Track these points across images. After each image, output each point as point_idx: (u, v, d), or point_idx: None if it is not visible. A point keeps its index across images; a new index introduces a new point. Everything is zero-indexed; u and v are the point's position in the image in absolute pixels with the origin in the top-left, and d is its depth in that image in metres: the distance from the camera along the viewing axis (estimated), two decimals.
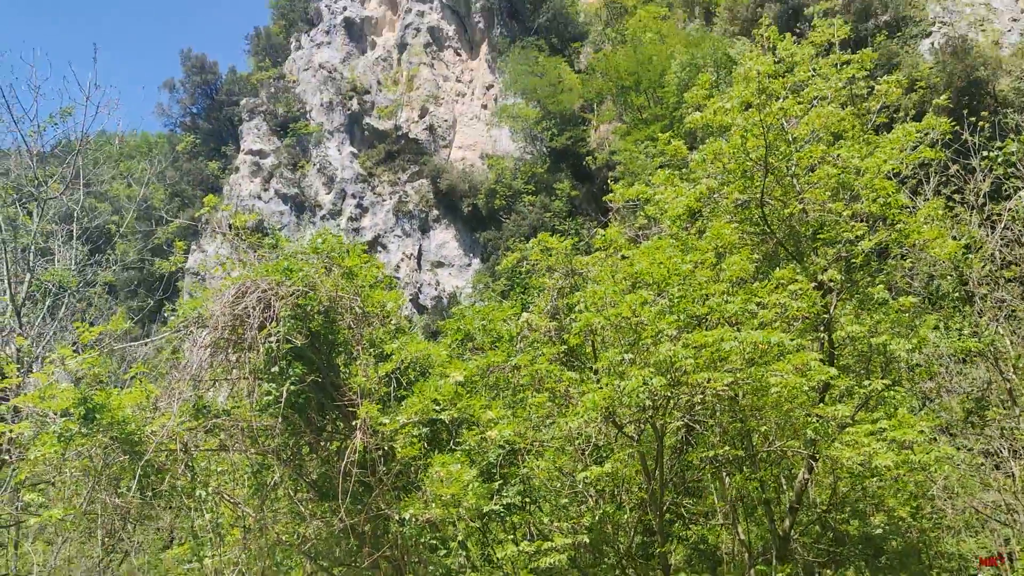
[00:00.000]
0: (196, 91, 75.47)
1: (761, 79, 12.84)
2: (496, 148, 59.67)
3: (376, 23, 72.91)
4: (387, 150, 62.29)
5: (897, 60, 36.05)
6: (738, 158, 13.47)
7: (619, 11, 60.77)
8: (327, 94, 65.44)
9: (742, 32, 42.51)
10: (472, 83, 65.79)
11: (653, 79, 46.50)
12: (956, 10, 40.50)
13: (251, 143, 65.79)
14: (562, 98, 53.20)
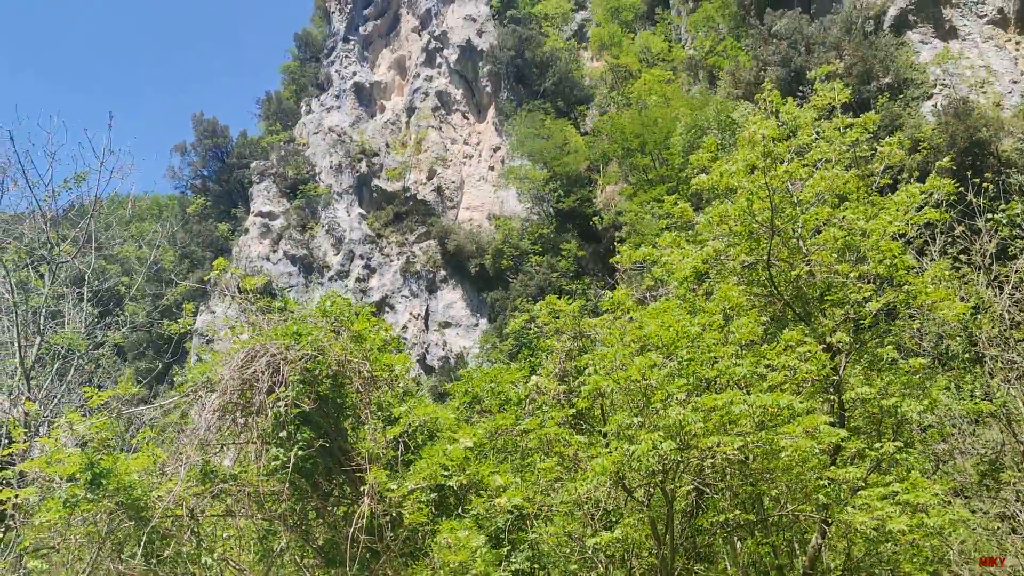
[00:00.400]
0: (207, 154, 76.59)
1: (766, 143, 13.00)
2: (503, 209, 60.18)
3: (385, 88, 74.34)
4: (395, 211, 62.90)
5: (900, 121, 36.47)
6: (744, 220, 13.55)
7: (624, 75, 61.86)
8: (336, 156, 66.35)
9: (745, 95, 43.08)
10: (479, 145, 66.69)
11: (658, 141, 47.07)
12: (957, 72, 41.06)
13: (261, 205, 66.51)
14: (568, 160, 53.84)
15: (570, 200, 53.10)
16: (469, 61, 68.36)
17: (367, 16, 77.67)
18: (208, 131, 76.46)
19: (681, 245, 15.04)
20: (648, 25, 70.37)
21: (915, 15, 44.34)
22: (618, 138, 49.36)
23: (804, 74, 39.77)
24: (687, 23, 64.84)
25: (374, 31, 77.28)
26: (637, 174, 49.29)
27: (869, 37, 42.80)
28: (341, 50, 75.59)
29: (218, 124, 77.27)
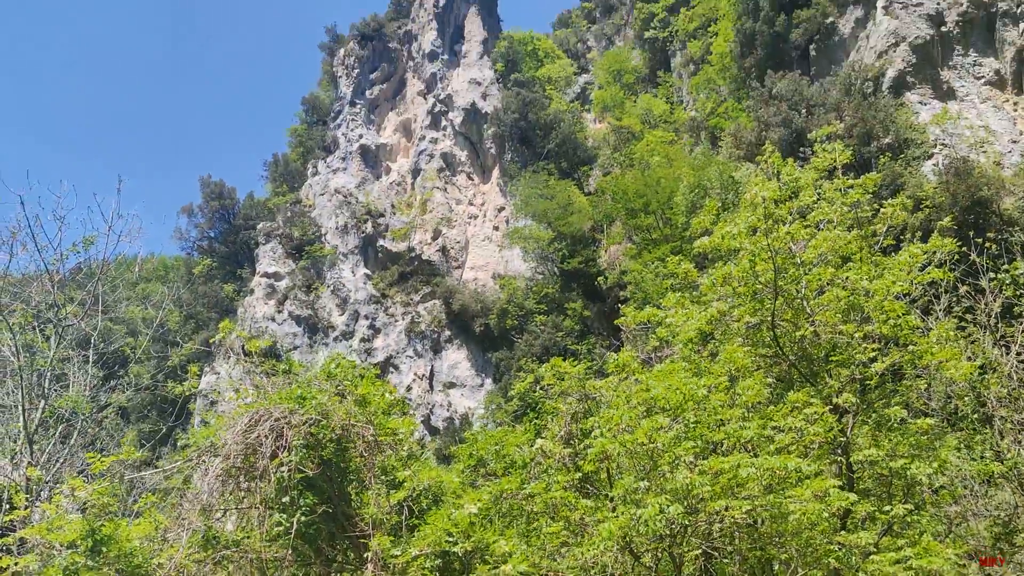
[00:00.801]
0: (214, 216, 77.26)
1: (767, 205, 13.13)
2: (508, 269, 60.43)
3: (391, 150, 75.36)
4: (400, 271, 63.19)
5: (901, 180, 36.77)
6: (748, 281, 13.62)
7: (627, 136, 62.66)
8: (342, 218, 66.93)
9: (747, 156, 43.55)
10: (484, 206, 67.29)
11: (661, 201, 47.43)
12: (956, 132, 41.53)
13: (266, 266, 66.89)
14: (572, 220, 54.22)
15: (575, 261, 53.33)
16: (474, 124, 69.38)
17: (373, 80, 79.11)
18: (215, 193, 77.26)
19: (685, 306, 15.08)
20: (650, 88, 71.55)
21: (913, 77, 45.03)
22: (621, 198, 49.75)
23: (805, 135, 40.26)
24: (688, 85, 65.95)
25: (380, 95, 78.63)
26: (641, 234, 49.55)
27: (868, 98, 43.40)
28: (348, 113, 76.81)
29: (225, 186, 78.12)
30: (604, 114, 71.03)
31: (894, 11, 46.92)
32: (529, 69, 76.36)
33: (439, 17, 76.78)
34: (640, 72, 74.96)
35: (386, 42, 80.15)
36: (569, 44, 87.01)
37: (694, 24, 67.55)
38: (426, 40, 76.31)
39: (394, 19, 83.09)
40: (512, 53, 75.47)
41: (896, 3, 47.26)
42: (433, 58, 74.95)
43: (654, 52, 73.98)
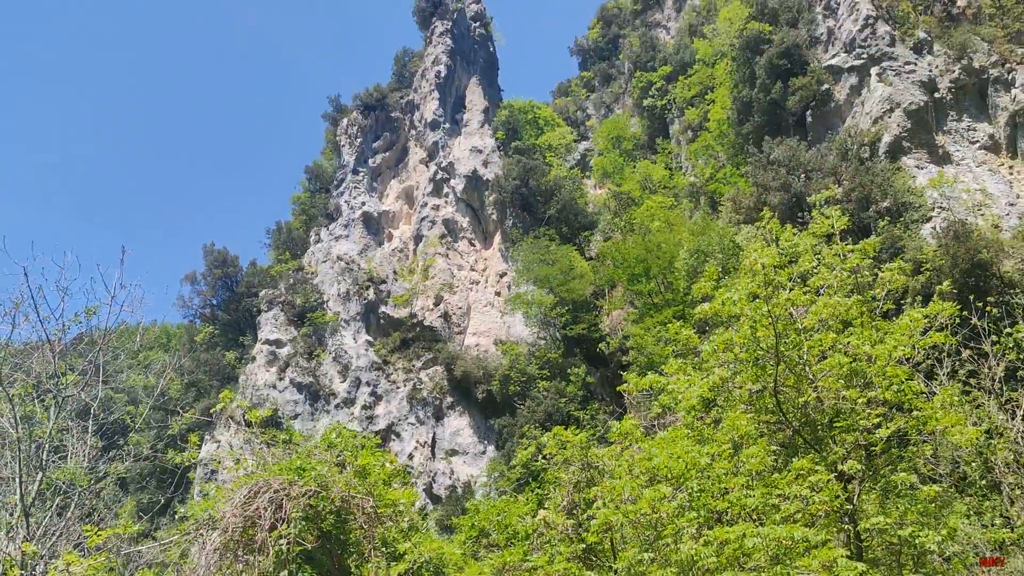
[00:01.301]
0: (217, 284, 77.54)
1: (767, 271, 13.20)
2: (510, 334, 60.36)
3: (393, 217, 76.02)
4: (402, 338, 63.11)
5: (900, 243, 36.98)
6: (749, 348, 13.60)
7: (626, 202, 63.22)
8: (344, 284, 67.15)
9: (747, 220, 43.85)
10: (486, 271, 67.56)
11: (662, 265, 47.60)
12: (953, 196, 41.90)
13: (268, 333, 66.86)
14: (574, 285, 54.35)
15: (578, 327, 53.30)
16: (475, 190, 70.11)
17: (376, 149, 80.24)
18: (218, 261, 77.69)
19: (688, 372, 15.05)
20: (649, 154, 72.48)
21: (908, 141, 45.65)
22: (622, 263, 49.98)
23: (804, 199, 40.67)
24: (687, 152, 66.80)
25: (383, 163, 79.66)
26: (642, 299, 49.62)
27: (865, 163, 43.93)
28: (351, 181, 77.68)
29: (228, 254, 78.58)
30: (604, 180, 71.81)
31: (887, 78, 47.80)
32: (529, 137, 77.49)
33: (441, 87, 78.20)
34: (639, 139, 76.04)
35: (389, 111, 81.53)
36: (569, 112, 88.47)
37: (691, 92, 68.75)
38: (428, 109, 77.61)
39: (396, 89, 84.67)
40: (513, 121, 76.70)
41: (889, 71, 48.19)
42: (435, 127, 76.13)
43: (652, 120, 75.16)
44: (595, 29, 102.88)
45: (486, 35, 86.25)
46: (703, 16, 78.37)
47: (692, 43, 75.47)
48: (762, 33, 55.34)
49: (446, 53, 79.93)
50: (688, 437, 12.38)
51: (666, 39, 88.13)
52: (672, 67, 74.49)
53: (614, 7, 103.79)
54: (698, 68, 69.53)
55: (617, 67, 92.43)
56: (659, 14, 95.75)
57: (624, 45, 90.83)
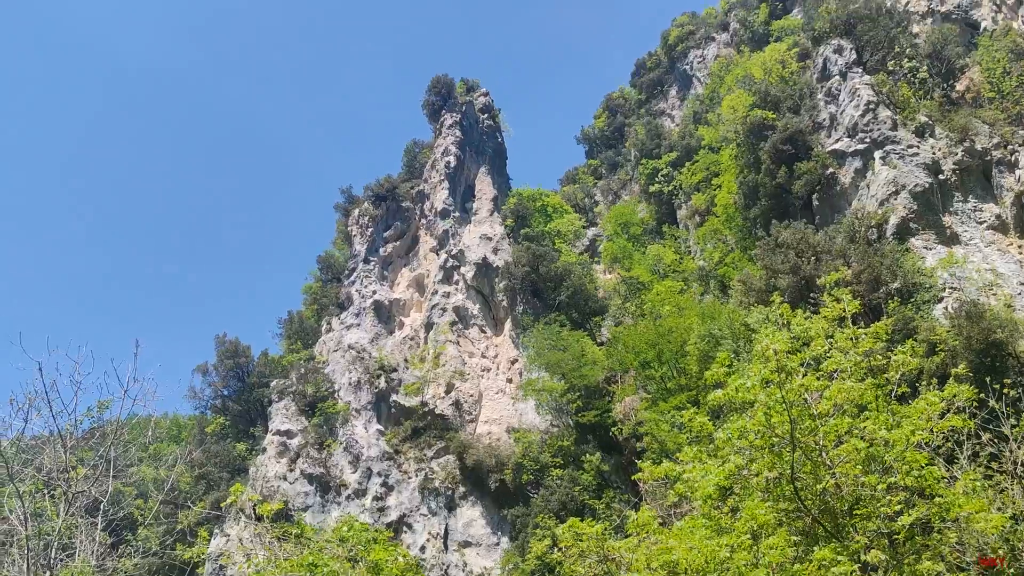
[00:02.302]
0: (228, 374, 77.54)
1: (779, 357, 13.19)
2: (522, 421, 59.88)
3: (404, 305, 76.40)
4: (413, 427, 62.63)
5: (913, 324, 36.85)
6: (764, 435, 13.50)
7: (636, 286, 63.55)
8: (355, 373, 67.07)
9: (757, 302, 43.87)
10: (497, 358, 67.46)
11: (674, 350, 47.53)
12: (964, 276, 41.94)
13: (279, 423, 66.50)
14: (586, 371, 54.17)
15: (590, 413, 52.87)
16: (485, 277, 70.59)
17: (387, 238, 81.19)
18: (230, 352, 77.88)
19: (703, 459, 14.88)
20: (657, 239, 73.15)
21: (915, 223, 45.96)
22: (634, 348, 49.93)
23: (814, 280, 40.70)
24: (695, 236, 67.39)
25: (393, 252, 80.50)
26: (655, 384, 49.38)
27: (873, 245, 44.17)
28: (362, 270, 78.37)
29: (240, 344, 78.82)
30: (613, 265, 72.33)
31: (891, 161, 48.47)
32: (538, 224, 78.39)
33: (450, 177, 79.57)
34: (647, 224, 76.86)
35: (399, 201, 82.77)
36: (576, 199, 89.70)
37: (697, 178, 69.77)
38: (438, 199, 78.78)
39: (407, 180, 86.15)
40: (521, 209, 77.70)
41: (893, 154, 48.90)
42: (445, 216, 77.16)
43: (660, 205, 76.12)
44: (601, 118, 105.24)
45: (494, 126, 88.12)
46: (706, 104, 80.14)
47: (697, 130, 77.00)
48: (766, 120, 56.42)
49: (455, 144, 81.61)
50: (706, 527, 12.18)
51: (671, 127, 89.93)
52: (678, 153, 75.81)
53: (619, 97, 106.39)
54: (703, 154, 70.73)
55: (623, 155, 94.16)
56: (663, 103, 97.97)
57: (630, 133, 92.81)
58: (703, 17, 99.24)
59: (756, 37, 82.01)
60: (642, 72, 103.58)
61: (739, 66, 76.43)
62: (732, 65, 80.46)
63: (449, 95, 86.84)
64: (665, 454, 35.72)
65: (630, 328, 53.40)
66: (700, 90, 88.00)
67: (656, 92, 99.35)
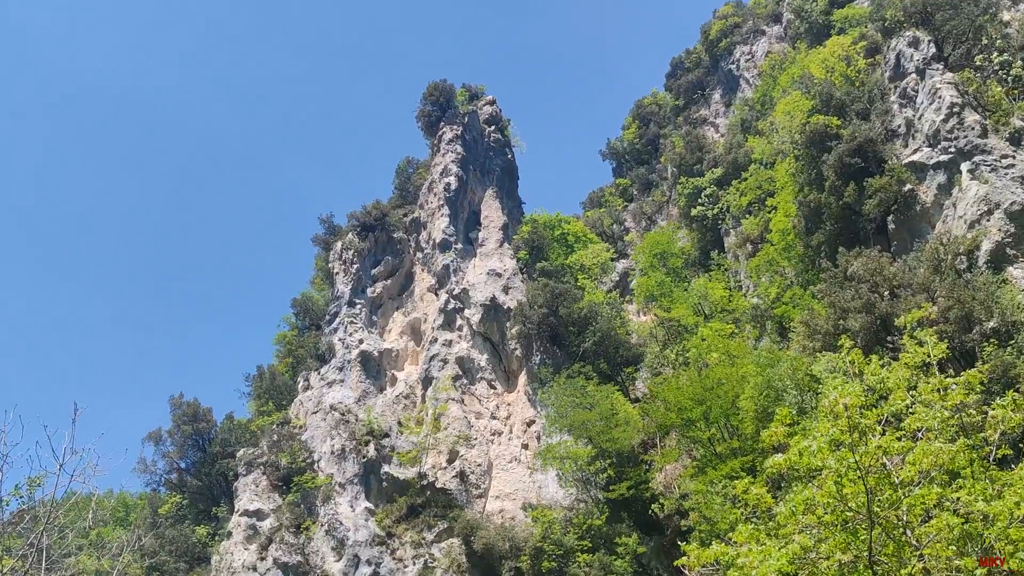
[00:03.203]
0: (186, 443, 77.66)
1: (851, 413, 13.13)
2: (541, 496, 59.51)
3: (397, 356, 76.50)
4: (409, 504, 62.36)
5: (1014, 372, 36.55)
6: (834, 508, 13.39)
7: (677, 330, 63.41)
8: (339, 440, 67.02)
9: (824, 347, 43.74)
10: (510, 419, 67.30)
11: (724, 407, 47.30)
12: None
13: (247, 502, 66.37)
14: (617, 434, 53.96)
15: (623, 485, 52.55)
16: (494, 321, 70.71)
17: (376, 276, 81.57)
18: (188, 415, 78.05)
19: (761, 540, 14.74)
20: (701, 272, 73.18)
21: (1014, 248, 45.75)
22: (675, 405, 49.68)
23: (891, 321, 40.59)
24: (747, 268, 67.40)
25: (384, 292, 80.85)
26: (702, 448, 49.07)
27: (963, 276, 44.00)
28: (346, 315, 78.73)
29: (200, 407, 79.02)
30: (649, 304, 72.31)
31: (982, 175, 48.45)
32: (558, 256, 78.68)
33: (451, 202, 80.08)
34: (688, 255, 77.03)
35: (390, 232, 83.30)
36: (603, 226, 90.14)
37: (748, 198, 69.98)
38: (436, 228, 79.29)
39: (399, 206, 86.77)
40: (537, 239, 78.02)
41: (983, 166, 48.89)
42: (445, 248, 77.58)
43: (703, 231, 76.33)
44: (630, 129, 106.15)
45: (503, 140, 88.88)
46: (757, 110, 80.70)
47: (746, 141, 77.41)
48: (829, 127, 56.66)
49: (456, 162, 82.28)
50: None
51: (715, 138, 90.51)
52: (723, 169, 76.20)
53: (651, 103, 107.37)
54: (755, 170, 71.03)
55: (658, 172, 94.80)
56: (704, 109, 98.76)
57: (665, 146, 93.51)
58: (750, 7, 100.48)
59: (815, 29, 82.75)
60: (679, 73, 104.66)
61: (795, 64, 77.06)
62: (786, 63, 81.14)
63: (448, 104, 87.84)
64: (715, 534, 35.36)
65: (671, 381, 53.19)
66: (748, 93, 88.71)
67: (696, 97, 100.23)
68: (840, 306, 44.86)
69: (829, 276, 48.46)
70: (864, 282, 45.40)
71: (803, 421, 35.58)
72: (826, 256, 52.99)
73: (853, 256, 48.27)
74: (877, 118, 56.80)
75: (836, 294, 45.83)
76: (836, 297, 45.61)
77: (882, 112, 57.00)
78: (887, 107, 57.10)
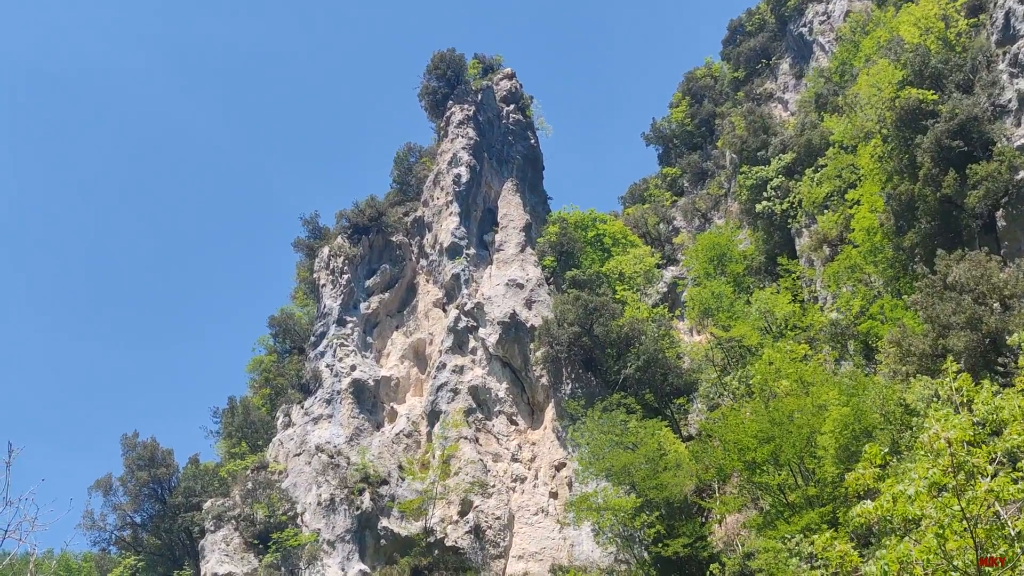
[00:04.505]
0: (141, 492, 77.85)
1: (955, 450, 13.07)
2: (574, 556, 59.44)
3: (397, 385, 76.57)
4: (413, 566, 62.42)
5: None
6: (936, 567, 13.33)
7: (739, 352, 63.20)
8: (327, 488, 67.11)
9: (920, 371, 43.56)
10: (535, 462, 67.26)
11: (798, 445, 47.08)
12: None
13: (216, 564, 66.55)
14: (666, 479, 53.77)
15: (676, 543, 52.29)
16: (515, 343, 70.69)
17: (371, 288, 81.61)
18: (144, 459, 78.27)
19: None
20: (767, 281, 72.87)
21: None
22: (737, 444, 49.50)
23: (1003, 338, 40.38)
24: (823, 276, 67.14)
25: (381, 308, 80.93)
26: (770, 496, 48.85)
27: None
28: (335, 336, 78.79)
29: (159, 448, 79.23)
30: (704, 321, 72.08)
31: None
32: (592, 263, 78.59)
33: (461, 197, 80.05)
34: (752, 259, 76.77)
35: (387, 235, 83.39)
36: (647, 225, 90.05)
37: (825, 190, 69.69)
38: (444, 229, 79.30)
39: (399, 203, 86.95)
40: (566, 242, 77.97)
41: None
42: (454, 254, 77.59)
43: (769, 231, 76.08)
44: (680, 107, 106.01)
45: (524, 122, 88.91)
46: (835, 83, 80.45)
47: (821, 121, 77.08)
48: (924, 103, 56.42)
49: (468, 149, 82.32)
50: None
51: (783, 116, 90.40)
52: (794, 154, 75.94)
53: (705, 75, 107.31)
54: (833, 154, 70.71)
55: (714, 159, 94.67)
56: (770, 82, 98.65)
57: (722, 127, 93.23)
58: None
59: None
60: (738, 39, 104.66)
61: (882, 26, 76.74)
62: (871, 25, 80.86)
63: (458, 79, 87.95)
64: None
65: (731, 414, 53.02)
66: (824, 62, 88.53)
67: (759, 67, 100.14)
68: (939, 322, 44.62)
69: (925, 285, 48.18)
70: (968, 292, 45.13)
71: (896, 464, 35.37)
72: (921, 260, 52.71)
73: (954, 260, 47.99)
74: (982, 91, 56.55)
75: (934, 307, 45.58)
76: (934, 310, 45.36)
77: (988, 84, 56.74)
78: (994, 78, 56.84)
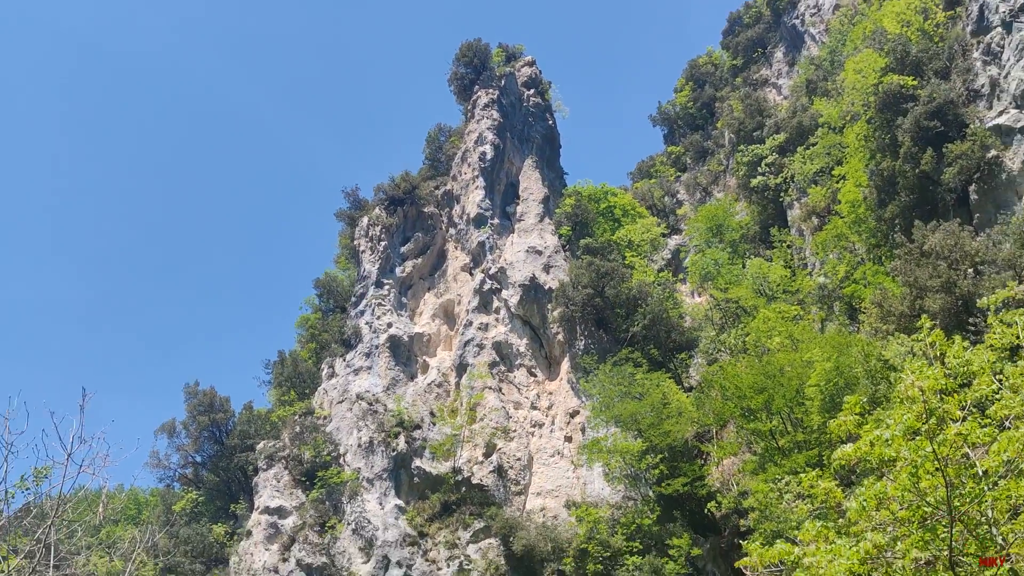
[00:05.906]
0: (202, 435, 78.54)
1: (929, 399, 13.02)
2: (586, 493, 59.62)
3: (428, 341, 76.76)
4: (443, 501, 62.77)
5: None
6: (911, 503, 13.31)
7: (735, 312, 63.12)
8: (366, 432, 67.46)
9: (899, 330, 43.47)
10: (551, 410, 67.38)
11: (788, 396, 47.10)
12: None
13: (268, 498, 67.09)
14: (669, 426, 53.87)
15: (677, 482, 52.48)
16: (534, 303, 70.72)
17: (405, 254, 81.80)
18: (204, 405, 78.87)
19: (830, 538, 14.68)
20: (762, 248, 72.72)
21: None
22: (734, 395, 49.55)
23: (973, 301, 40.18)
24: (812, 244, 66.91)
25: (414, 272, 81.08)
26: (763, 441, 48.93)
27: None
28: (373, 297, 79.01)
29: (217, 396, 79.81)
30: (704, 285, 72.03)
31: None
32: (603, 232, 78.48)
33: (486, 173, 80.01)
34: (748, 229, 76.51)
35: (420, 206, 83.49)
36: (654, 198, 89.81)
37: (814, 167, 69.37)
38: (471, 201, 79.28)
39: (430, 177, 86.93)
40: (581, 213, 77.88)
41: None
42: (480, 223, 77.58)
43: (764, 204, 75.78)
44: (683, 92, 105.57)
45: (543, 105, 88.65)
46: (824, 69, 79.84)
47: (812, 104, 76.63)
48: (904, 88, 56.04)
49: (492, 130, 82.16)
50: None
51: (777, 100, 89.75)
52: (787, 135, 75.56)
53: (706, 63, 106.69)
54: (822, 135, 70.34)
55: (714, 138, 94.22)
56: (766, 69, 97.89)
57: (722, 110, 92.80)
58: None
59: None
60: (737, 30, 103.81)
61: (867, 18, 76.00)
62: (858, 17, 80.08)
63: (484, 66, 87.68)
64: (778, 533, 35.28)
65: (728, 368, 53.02)
66: (815, 51, 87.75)
67: (756, 55, 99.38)
68: (916, 285, 44.49)
69: (904, 252, 48.00)
70: (943, 259, 44.93)
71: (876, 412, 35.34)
72: (900, 230, 52.44)
73: (931, 230, 47.77)
74: (958, 77, 56.03)
75: (912, 272, 45.42)
76: (912, 275, 45.21)
77: (963, 70, 56.19)
78: (969, 65, 56.27)
